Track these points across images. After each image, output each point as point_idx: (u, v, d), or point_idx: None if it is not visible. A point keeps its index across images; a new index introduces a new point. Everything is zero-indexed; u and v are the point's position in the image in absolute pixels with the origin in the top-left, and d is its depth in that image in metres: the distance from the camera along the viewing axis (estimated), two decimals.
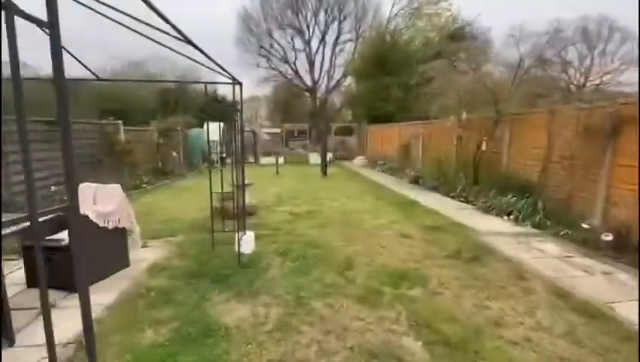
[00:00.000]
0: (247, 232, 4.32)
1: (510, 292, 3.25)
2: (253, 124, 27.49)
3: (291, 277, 3.54)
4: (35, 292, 3.28)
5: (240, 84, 3.94)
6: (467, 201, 7.17)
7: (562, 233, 4.96)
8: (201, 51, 2.66)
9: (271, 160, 15.82)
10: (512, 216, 5.79)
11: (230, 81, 3.85)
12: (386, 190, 9.07)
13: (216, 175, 4.47)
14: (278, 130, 23.10)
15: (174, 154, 12.38)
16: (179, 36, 2.02)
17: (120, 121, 9.20)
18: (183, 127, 14.43)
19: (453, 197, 7.68)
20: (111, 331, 2.59)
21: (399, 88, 15.24)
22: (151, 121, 11.67)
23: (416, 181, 9.90)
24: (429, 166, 10.15)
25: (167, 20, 1.91)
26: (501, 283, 3.45)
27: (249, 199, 6.15)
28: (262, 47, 28.94)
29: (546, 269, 3.82)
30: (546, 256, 4.30)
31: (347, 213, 6.42)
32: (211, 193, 4.25)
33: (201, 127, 17.06)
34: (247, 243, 4.20)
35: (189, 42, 2.16)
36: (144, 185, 8.91)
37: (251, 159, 18.77)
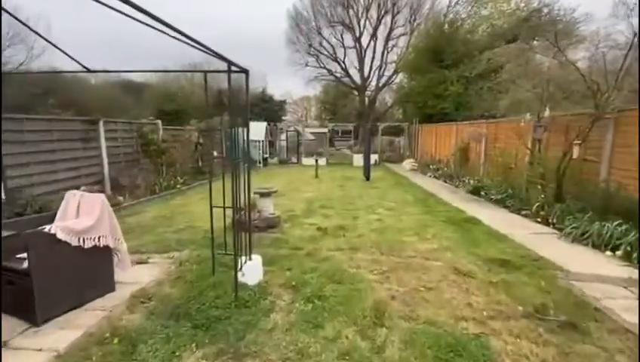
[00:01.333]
0: (254, 257, 3.49)
1: None
2: (299, 124, 27.21)
3: (296, 331, 2.60)
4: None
5: (245, 72, 3.11)
6: (547, 223, 5.55)
7: None
8: (181, 32, 1.87)
9: (314, 161, 15.06)
10: (619, 252, 4.17)
11: (237, 69, 3.04)
12: (439, 201, 7.68)
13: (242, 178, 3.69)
14: (324, 130, 22.37)
15: (215, 153, 12.23)
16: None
17: (159, 121, 9.13)
18: (225, 126, 14.37)
19: (526, 216, 6.08)
20: None
21: (458, 82, 13.41)
22: (191, 120, 11.63)
23: (476, 191, 8.30)
24: (494, 174, 8.47)
25: None
26: None
27: (271, 209, 5.37)
28: (311, 45, 28.51)
29: None
30: None
31: (387, 230, 5.29)
32: (212, 208, 3.50)
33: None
34: (252, 272, 3.37)
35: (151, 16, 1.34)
36: (178, 186, 8.70)
37: (294, 160, 18.29)
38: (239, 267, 3.29)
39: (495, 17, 18.21)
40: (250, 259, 3.42)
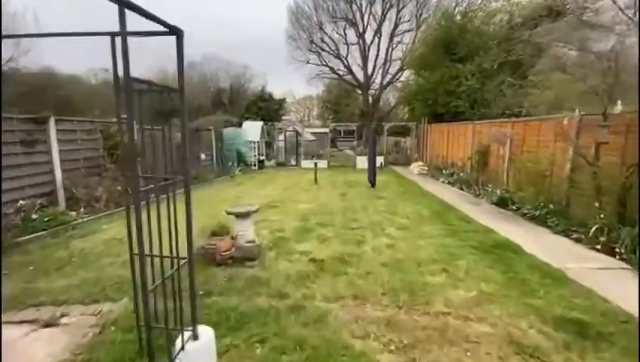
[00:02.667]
0: (201, 331, 2.22)
1: None
2: (298, 123, 26.01)
3: None
4: None
5: (176, 33, 1.85)
6: (611, 253, 4.24)
7: None
8: None
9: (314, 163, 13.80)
10: None
11: (163, 29, 1.79)
12: (461, 216, 6.37)
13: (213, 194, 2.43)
14: (325, 130, 21.13)
15: (202, 156, 11.02)
16: None
17: None
18: (216, 126, 13.14)
19: (578, 241, 4.76)
20: None
21: (473, 77, 12.07)
22: (173, 119, 10.38)
23: (503, 203, 7.00)
24: (523, 182, 7.15)
25: None
26: None
27: (250, 234, 4.10)
28: (312, 41, 27.25)
29: None
30: None
31: (403, 264, 4.00)
32: (132, 256, 2.23)
33: (241, 126, 15.81)
34: (196, 360, 2.10)
35: None
36: (154, 195, 7.44)
37: (293, 162, 17.02)
38: (175, 353, 2.03)
39: (506, 10, 16.86)
40: (194, 337, 2.15)
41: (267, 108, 23.58)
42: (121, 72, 1.64)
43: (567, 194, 5.94)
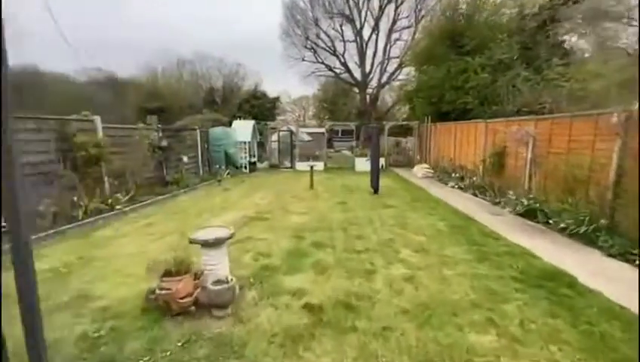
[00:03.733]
0: None
1: None
2: (293, 123, 24.95)
3: None
4: None
5: None
6: None
7: None
8: None
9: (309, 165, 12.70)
10: None
11: None
12: (485, 232, 5.31)
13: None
14: (322, 130, 20.03)
15: (185, 159, 9.88)
16: None
17: (96, 117, 6.75)
18: (203, 125, 12.00)
19: None
20: None
21: (483, 70, 11.05)
22: (148, 116, 9.23)
23: (531, 214, 5.97)
24: (553, 190, 6.14)
25: None
26: None
27: (222, 271, 3.00)
28: (308, 38, 26.16)
29: None
30: None
31: (431, 311, 2.92)
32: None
33: (231, 125, 14.66)
34: None
35: None
36: (119, 207, 6.32)
37: (288, 163, 15.91)
38: None
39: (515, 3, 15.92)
40: None
41: (260, 107, 22.42)
42: None
43: (612, 205, 4.93)
